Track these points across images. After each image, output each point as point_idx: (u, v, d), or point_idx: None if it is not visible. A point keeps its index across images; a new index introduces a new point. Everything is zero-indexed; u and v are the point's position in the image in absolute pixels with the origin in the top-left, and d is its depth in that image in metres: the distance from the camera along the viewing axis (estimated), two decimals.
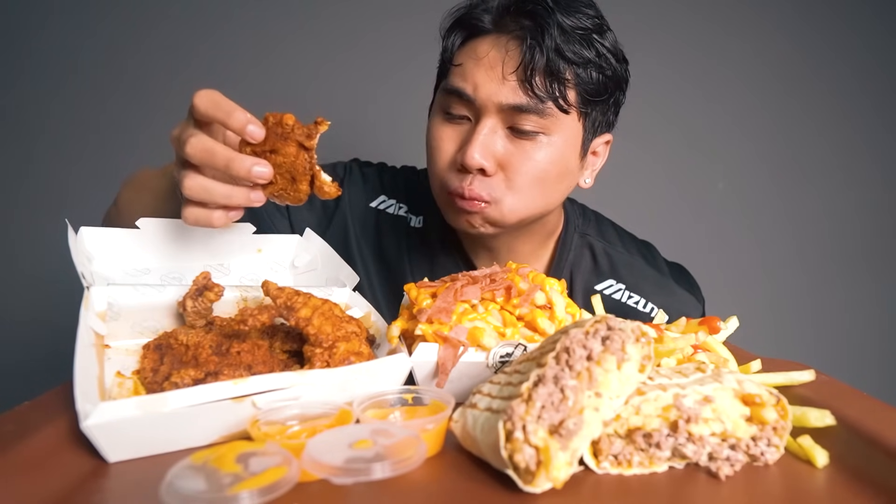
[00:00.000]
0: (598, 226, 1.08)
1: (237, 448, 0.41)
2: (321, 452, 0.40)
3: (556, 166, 0.85)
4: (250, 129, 0.58)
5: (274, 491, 0.36)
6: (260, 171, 0.58)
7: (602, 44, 0.83)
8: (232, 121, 0.58)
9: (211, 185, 0.60)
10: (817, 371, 0.60)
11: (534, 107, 0.80)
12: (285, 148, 0.59)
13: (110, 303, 0.61)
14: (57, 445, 0.46)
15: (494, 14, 0.83)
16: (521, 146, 0.83)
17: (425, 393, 0.53)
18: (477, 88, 0.81)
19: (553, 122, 0.82)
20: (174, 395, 0.45)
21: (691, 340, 0.60)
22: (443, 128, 0.86)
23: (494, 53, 0.81)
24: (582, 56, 0.81)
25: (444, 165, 0.86)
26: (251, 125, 0.58)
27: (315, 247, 0.80)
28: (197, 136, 0.59)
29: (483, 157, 0.81)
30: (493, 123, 0.82)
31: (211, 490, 0.36)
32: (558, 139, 0.84)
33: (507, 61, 0.80)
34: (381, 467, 0.39)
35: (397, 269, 1.03)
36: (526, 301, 0.61)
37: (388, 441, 0.43)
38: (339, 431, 0.44)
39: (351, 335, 0.57)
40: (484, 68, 0.81)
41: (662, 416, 0.46)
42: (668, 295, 1.01)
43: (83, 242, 0.66)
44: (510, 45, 0.80)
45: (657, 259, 1.09)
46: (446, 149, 0.85)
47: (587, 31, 0.82)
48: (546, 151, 0.83)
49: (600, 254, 1.04)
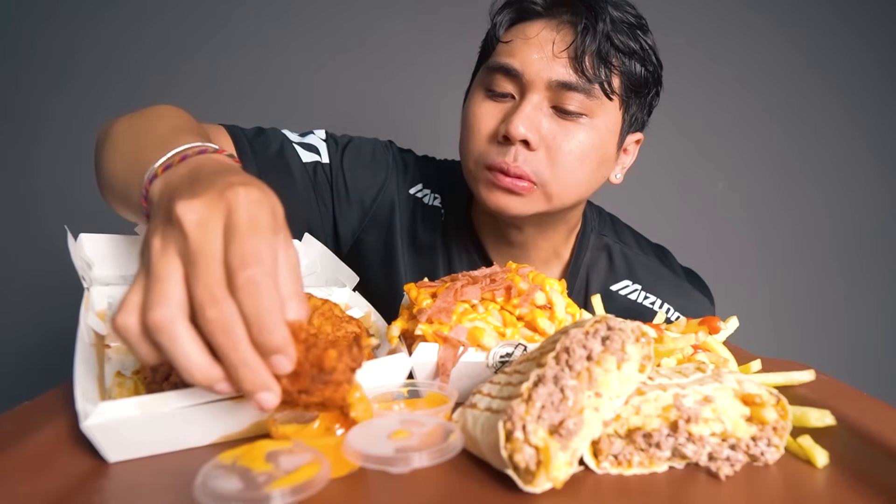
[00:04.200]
0: (615, 227, 1.09)
1: (264, 447, 0.41)
2: (366, 445, 0.40)
3: (598, 150, 0.86)
4: (277, 360, 0.39)
5: (309, 488, 0.36)
6: (267, 399, 0.39)
7: (645, 40, 0.86)
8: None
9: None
10: (817, 371, 0.60)
11: (582, 85, 0.81)
12: (320, 391, 0.41)
13: (110, 303, 0.61)
14: (57, 445, 0.46)
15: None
16: (564, 126, 0.83)
17: (425, 387, 0.54)
18: (526, 64, 0.82)
19: (597, 104, 0.83)
20: (174, 395, 0.45)
21: (691, 340, 0.60)
22: (484, 104, 0.86)
23: (546, 34, 0.82)
24: (629, 46, 0.83)
25: (483, 139, 0.85)
26: (280, 355, 0.39)
27: (314, 250, 0.80)
28: (228, 303, 0.38)
29: (528, 130, 0.81)
30: (538, 100, 0.82)
31: (248, 489, 0.36)
32: (601, 123, 0.85)
33: (558, 42, 0.81)
34: (429, 454, 0.39)
35: (430, 258, 1.02)
36: (526, 301, 0.61)
37: (421, 430, 0.43)
38: (369, 425, 0.44)
39: (351, 335, 0.57)
40: (534, 47, 0.82)
41: (662, 416, 0.46)
42: (684, 296, 1.02)
43: (83, 249, 0.66)
44: (562, 28, 0.82)
45: (672, 262, 1.10)
46: (487, 123, 0.85)
47: (633, 26, 0.84)
48: (589, 134, 0.84)
49: (617, 255, 1.04)
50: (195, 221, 0.39)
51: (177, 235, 0.39)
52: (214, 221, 0.39)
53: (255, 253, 0.38)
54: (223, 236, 0.39)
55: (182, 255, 0.39)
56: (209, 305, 0.37)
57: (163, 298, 0.38)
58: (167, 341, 0.38)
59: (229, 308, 0.37)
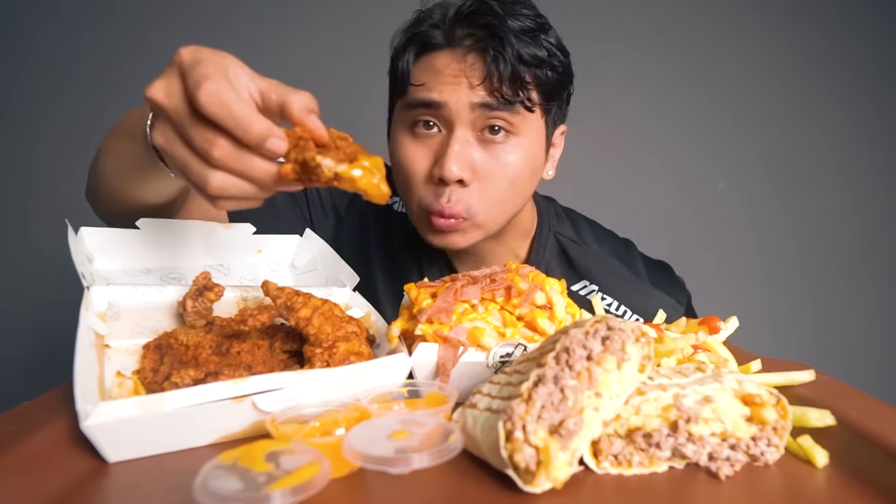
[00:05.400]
0: (573, 225, 1.08)
1: (264, 447, 0.41)
2: (366, 446, 0.40)
3: (528, 166, 0.87)
4: (272, 143, 0.46)
5: (309, 489, 0.36)
6: (275, 144, 0.46)
7: (549, 42, 0.84)
8: (250, 135, 0.46)
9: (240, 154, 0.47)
10: (817, 371, 0.60)
11: (504, 109, 0.82)
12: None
13: (110, 303, 0.61)
14: (57, 445, 0.46)
15: (445, 28, 0.83)
16: (494, 152, 0.84)
17: (425, 387, 0.54)
18: (445, 95, 0.82)
19: (521, 121, 0.84)
20: (174, 395, 0.45)
21: (691, 340, 0.60)
22: (412, 146, 0.86)
23: (455, 66, 0.81)
24: (538, 57, 0.82)
25: (420, 182, 0.86)
26: (273, 138, 0.46)
27: (315, 247, 0.80)
28: (215, 81, 0.45)
29: (460, 169, 0.82)
30: (464, 133, 0.83)
31: (248, 489, 0.36)
32: (526, 139, 0.86)
33: (471, 73, 0.81)
34: (429, 455, 0.39)
35: (403, 264, 1.03)
36: (526, 301, 0.61)
37: (421, 430, 0.43)
38: (369, 425, 0.44)
39: (351, 335, 0.57)
40: (448, 80, 0.82)
41: (662, 416, 0.46)
42: (643, 297, 1.01)
43: (83, 242, 0.66)
44: (469, 58, 0.81)
45: (634, 259, 1.08)
46: (420, 165, 0.85)
47: (534, 32, 0.83)
48: (518, 153, 0.85)
49: (573, 255, 1.04)
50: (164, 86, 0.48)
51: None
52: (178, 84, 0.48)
53: (204, 74, 0.45)
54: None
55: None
56: (189, 134, 0.47)
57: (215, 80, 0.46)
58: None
59: (202, 128, 0.46)
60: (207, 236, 0.74)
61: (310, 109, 0.48)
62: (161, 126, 0.49)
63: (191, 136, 0.47)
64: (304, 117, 0.47)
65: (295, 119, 0.48)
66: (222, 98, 0.45)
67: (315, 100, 0.49)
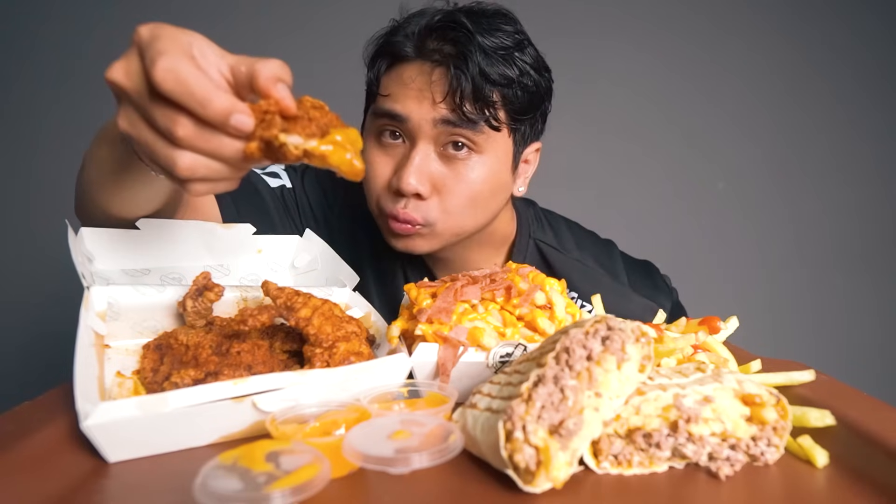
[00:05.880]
0: (553, 230, 1.08)
1: (264, 447, 0.41)
2: (366, 446, 0.40)
3: (489, 184, 0.86)
4: (237, 120, 0.44)
5: (309, 489, 0.36)
6: (239, 119, 0.44)
7: (524, 60, 0.83)
8: (209, 111, 0.43)
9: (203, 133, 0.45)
10: (817, 371, 0.60)
11: (466, 126, 0.81)
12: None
13: (110, 303, 0.61)
14: (57, 445, 0.46)
15: (415, 40, 0.82)
16: (454, 168, 0.84)
17: (425, 387, 0.54)
18: (409, 110, 0.81)
19: (484, 139, 0.83)
20: (174, 395, 0.45)
21: (691, 340, 0.60)
22: (376, 153, 0.86)
23: (421, 80, 0.81)
24: (506, 76, 0.81)
25: (379, 187, 0.86)
26: (237, 114, 0.44)
27: (315, 247, 0.80)
28: (171, 56, 0.43)
29: (419, 182, 0.81)
30: (425, 148, 0.82)
31: (248, 489, 0.36)
32: (490, 158, 0.85)
33: (435, 89, 0.80)
34: (429, 455, 0.39)
35: (390, 266, 1.03)
36: (526, 301, 0.61)
37: (421, 430, 0.43)
38: (369, 425, 0.44)
39: (351, 335, 0.57)
40: (414, 91, 0.81)
41: (662, 416, 0.46)
42: (623, 302, 1.00)
43: (83, 242, 0.67)
44: (435, 73, 0.80)
45: (615, 263, 1.08)
46: (382, 172, 0.86)
47: (508, 51, 0.81)
48: (479, 171, 0.84)
49: (553, 260, 1.03)
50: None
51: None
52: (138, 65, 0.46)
53: (158, 50, 0.43)
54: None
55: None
56: (152, 114, 0.44)
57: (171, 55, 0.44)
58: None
59: (163, 107, 0.44)
60: (207, 236, 0.74)
61: (278, 78, 0.45)
62: (125, 110, 0.47)
63: (153, 117, 0.44)
64: (269, 86, 0.44)
65: (261, 89, 0.45)
66: (178, 74, 0.42)
67: (287, 67, 0.46)
